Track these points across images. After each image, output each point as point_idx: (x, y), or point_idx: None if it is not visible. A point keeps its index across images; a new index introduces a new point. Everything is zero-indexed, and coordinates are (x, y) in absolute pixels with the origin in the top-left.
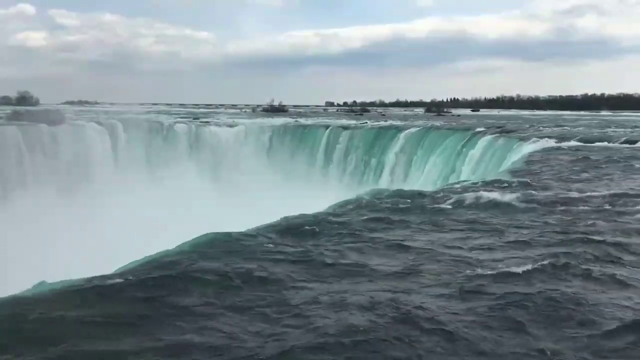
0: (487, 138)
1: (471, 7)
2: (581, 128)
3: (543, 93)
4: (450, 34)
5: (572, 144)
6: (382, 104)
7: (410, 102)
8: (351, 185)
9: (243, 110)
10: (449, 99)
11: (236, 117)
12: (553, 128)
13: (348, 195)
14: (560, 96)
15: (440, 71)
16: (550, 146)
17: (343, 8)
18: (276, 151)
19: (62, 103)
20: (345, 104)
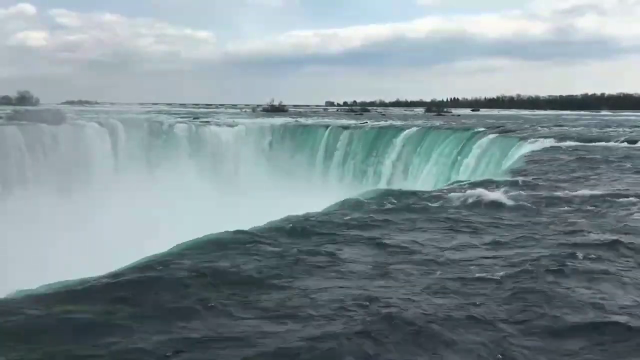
0: (487, 138)
1: (471, 7)
2: (580, 128)
3: (543, 93)
4: (450, 34)
5: (571, 144)
6: (382, 104)
7: (410, 102)
8: (351, 184)
9: (243, 110)
10: (449, 99)
11: (236, 117)
12: (552, 128)
13: (348, 194)
14: (560, 96)
15: (440, 71)
16: (549, 146)
17: (343, 8)
18: (276, 151)
19: (62, 103)
20: (345, 104)
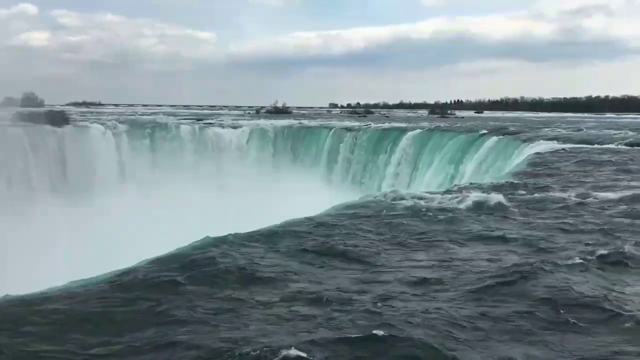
0: (491, 140)
1: (476, 7)
2: (583, 130)
3: (547, 95)
4: (454, 35)
5: (574, 146)
6: (386, 106)
7: (413, 104)
8: (354, 187)
9: (246, 112)
10: (453, 101)
11: (240, 119)
12: (555, 130)
13: (351, 197)
14: (564, 98)
15: (443, 72)
16: (551, 148)
17: (345, 9)
18: (280, 153)
19: (67, 104)
20: (348, 106)
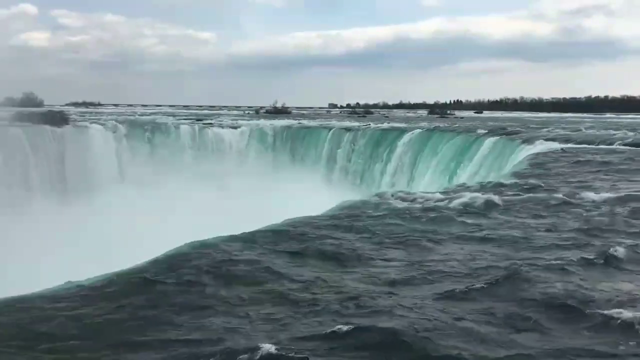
0: (490, 140)
1: (476, 7)
2: (582, 130)
3: (547, 95)
4: (454, 35)
5: (574, 147)
6: (386, 106)
7: (413, 104)
8: (354, 187)
9: (246, 112)
10: (452, 101)
11: (239, 119)
12: (555, 130)
13: (351, 196)
14: (564, 98)
15: (444, 72)
16: (551, 149)
17: (346, 9)
18: (279, 153)
19: (66, 104)
20: (348, 106)
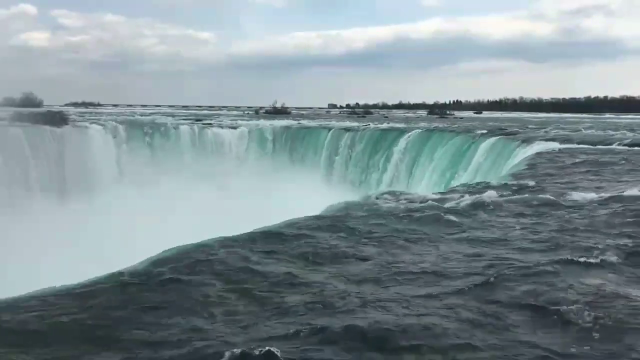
0: (489, 141)
1: (476, 7)
2: (582, 131)
3: (546, 95)
4: (454, 35)
5: (573, 147)
6: (385, 106)
7: (413, 104)
8: (354, 187)
9: (245, 112)
10: (452, 101)
11: (239, 119)
12: (553, 131)
13: (350, 197)
14: (563, 98)
15: (443, 73)
16: (550, 149)
17: (346, 9)
18: (278, 153)
19: (66, 104)
20: (348, 106)
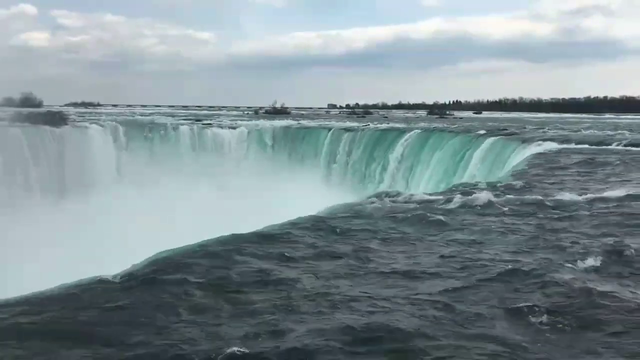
0: (489, 141)
1: (476, 7)
2: (581, 131)
3: (546, 95)
4: (454, 35)
5: (573, 147)
6: (385, 106)
7: (412, 105)
8: (354, 187)
9: (245, 112)
10: (452, 102)
11: (238, 120)
12: (552, 131)
13: (350, 197)
14: (562, 99)
15: (443, 73)
16: (550, 149)
17: (346, 9)
18: (278, 153)
19: (66, 104)
20: (347, 106)
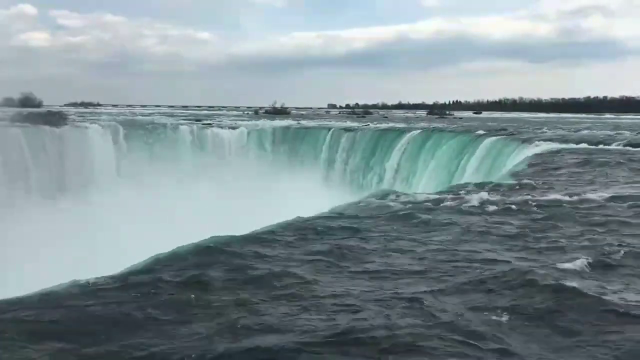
0: (489, 141)
1: (476, 7)
2: (581, 132)
3: (546, 95)
4: (454, 35)
5: (572, 147)
6: (385, 107)
7: (412, 105)
8: (353, 187)
9: (245, 112)
10: (452, 102)
11: (238, 120)
12: (551, 131)
13: (350, 198)
14: (562, 99)
15: (443, 73)
16: (550, 149)
17: (346, 9)
18: (278, 154)
19: (65, 105)
20: (347, 106)
